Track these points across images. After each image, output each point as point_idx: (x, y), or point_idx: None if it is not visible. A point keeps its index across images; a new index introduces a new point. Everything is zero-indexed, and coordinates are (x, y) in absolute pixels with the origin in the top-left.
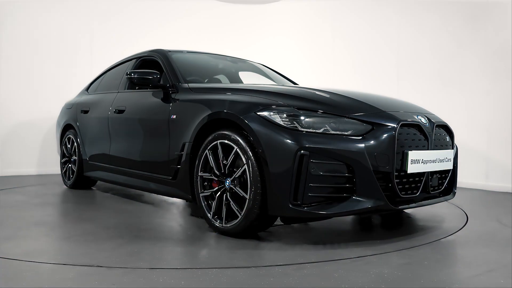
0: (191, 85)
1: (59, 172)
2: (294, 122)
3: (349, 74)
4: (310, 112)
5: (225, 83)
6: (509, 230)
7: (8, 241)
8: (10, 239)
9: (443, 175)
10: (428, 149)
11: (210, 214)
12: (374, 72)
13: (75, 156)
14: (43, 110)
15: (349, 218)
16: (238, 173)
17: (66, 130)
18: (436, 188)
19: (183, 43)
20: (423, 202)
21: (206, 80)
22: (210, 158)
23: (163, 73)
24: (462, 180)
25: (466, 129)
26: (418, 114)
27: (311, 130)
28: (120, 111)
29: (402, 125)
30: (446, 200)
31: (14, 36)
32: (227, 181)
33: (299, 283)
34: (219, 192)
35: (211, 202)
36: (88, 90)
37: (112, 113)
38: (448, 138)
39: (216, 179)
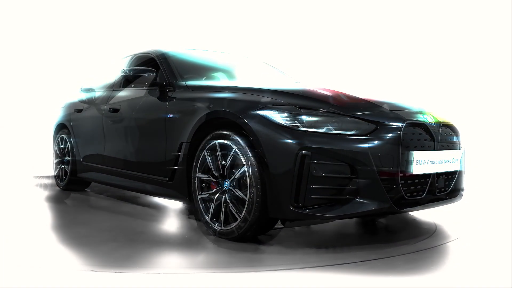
0: (189, 83)
1: (52, 173)
2: (295, 121)
3: (352, 72)
4: (311, 111)
5: (224, 81)
6: None
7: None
8: (2, 242)
9: (450, 177)
10: (434, 150)
11: (208, 216)
12: (377, 70)
13: (69, 156)
14: (36, 109)
15: (352, 221)
16: (237, 174)
17: (60, 129)
18: (443, 190)
19: (180, 40)
20: (429, 205)
21: (204, 78)
22: (208, 158)
23: (159, 71)
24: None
25: (473, 128)
26: (423, 113)
27: (312, 129)
28: (115, 110)
29: (407, 125)
30: (452, 203)
31: (6, 34)
32: (226, 183)
33: None
34: (218, 194)
35: (209, 204)
36: (82, 89)
37: (107, 112)
38: (455, 138)
39: (215, 180)
